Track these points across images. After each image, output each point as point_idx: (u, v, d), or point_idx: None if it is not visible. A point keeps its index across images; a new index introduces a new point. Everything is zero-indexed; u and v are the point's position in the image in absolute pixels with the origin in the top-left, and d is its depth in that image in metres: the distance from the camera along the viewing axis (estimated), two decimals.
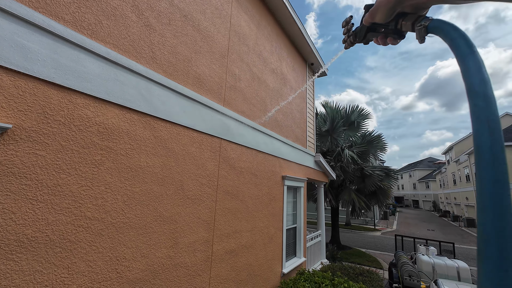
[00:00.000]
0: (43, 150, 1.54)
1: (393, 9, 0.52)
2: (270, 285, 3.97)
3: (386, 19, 0.54)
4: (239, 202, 3.40)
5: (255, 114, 4.04)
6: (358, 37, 0.66)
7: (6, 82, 1.40)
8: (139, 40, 2.21)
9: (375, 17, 0.56)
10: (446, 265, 5.60)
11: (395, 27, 0.54)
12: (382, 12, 0.53)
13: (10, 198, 1.39)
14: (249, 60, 4.02)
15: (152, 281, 2.13)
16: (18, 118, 1.44)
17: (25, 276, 1.43)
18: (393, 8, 0.51)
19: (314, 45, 6.37)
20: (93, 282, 1.74)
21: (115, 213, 1.90)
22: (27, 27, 1.49)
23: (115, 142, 1.95)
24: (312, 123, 6.95)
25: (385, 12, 0.53)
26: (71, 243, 1.64)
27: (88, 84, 1.78)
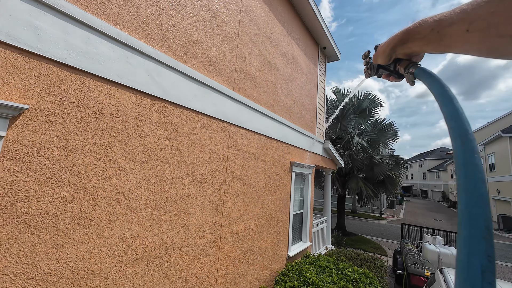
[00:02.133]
0: (59, 131, 1.58)
1: (389, 56, 0.59)
2: (276, 267, 4.11)
3: (386, 62, 0.62)
4: (247, 187, 3.45)
5: (265, 99, 3.98)
6: (372, 71, 0.73)
7: (21, 63, 1.42)
8: (148, 21, 2.17)
9: (377, 60, 0.65)
10: (452, 254, 5.61)
11: (394, 69, 0.62)
12: (381, 57, 0.62)
13: (30, 177, 1.45)
14: (260, 43, 3.90)
15: (164, 258, 2.24)
16: (34, 99, 1.47)
17: (48, 249, 1.52)
18: (389, 55, 0.59)
19: (327, 28, 6.09)
20: (110, 257, 1.84)
21: (128, 194, 1.97)
22: (38, 7, 1.48)
23: (127, 124, 1.97)
24: (322, 109, 6.80)
25: (383, 57, 0.61)
26: (88, 221, 1.72)
27: (100, 66, 1.78)
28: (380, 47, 0.62)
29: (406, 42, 0.52)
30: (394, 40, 0.55)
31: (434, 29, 0.44)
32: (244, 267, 3.33)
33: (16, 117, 1.40)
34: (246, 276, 3.35)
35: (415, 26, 0.49)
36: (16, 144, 1.40)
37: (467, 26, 0.37)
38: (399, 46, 0.54)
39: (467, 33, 0.38)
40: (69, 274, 1.61)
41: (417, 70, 0.51)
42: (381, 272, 5.33)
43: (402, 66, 0.57)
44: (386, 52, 0.58)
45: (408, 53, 0.55)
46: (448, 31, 0.41)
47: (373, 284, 3.71)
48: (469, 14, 0.37)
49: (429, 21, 0.46)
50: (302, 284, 3.42)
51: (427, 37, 0.46)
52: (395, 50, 0.56)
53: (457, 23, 0.39)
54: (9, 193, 1.37)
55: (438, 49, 0.45)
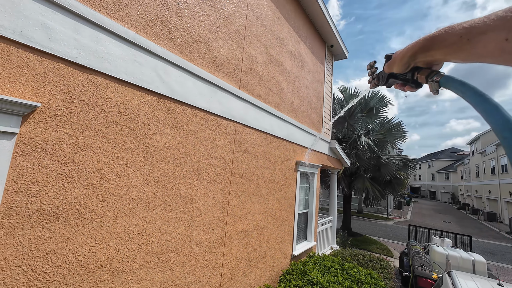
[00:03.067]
0: (69, 128, 1.62)
1: (407, 64, 0.56)
2: (280, 266, 4.11)
3: (403, 71, 0.59)
4: (252, 185, 3.46)
5: (271, 98, 3.97)
6: (381, 81, 0.71)
7: (34, 61, 1.46)
8: (156, 20, 2.19)
9: (393, 68, 0.62)
10: (461, 257, 5.49)
11: (412, 78, 0.59)
12: (398, 65, 0.59)
13: (42, 173, 1.50)
14: (266, 42, 3.88)
15: (170, 254, 2.27)
16: (45, 97, 1.51)
17: (58, 242, 1.56)
18: (408, 63, 0.56)
19: (335, 26, 6.02)
20: (117, 252, 1.88)
21: (135, 191, 2.01)
22: (50, 7, 1.51)
23: (135, 122, 2.00)
24: (329, 108, 6.74)
25: (401, 66, 0.58)
26: (97, 216, 1.76)
27: (108, 64, 1.81)
28: (397, 54, 0.59)
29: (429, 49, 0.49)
30: (415, 47, 0.52)
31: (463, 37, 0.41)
32: (248, 265, 3.34)
33: (29, 115, 1.44)
34: (250, 274, 3.37)
35: (440, 33, 0.46)
36: (29, 141, 1.45)
37: (506, 34, 0.35)
38: (420, 53, 0.52)
39: (506, 42, 0.35)
40: (78, 268, 1.65)
41: (444, 79, 0.49)
42: (387, 274, 5.27)
43: (423, 75, 0.54)
44: (405, 59, 0.56)
45: (429, 62, 0.53)
46: (482, 39, 0.38)
47: (378, 285, 3.67)
48: (509, 21, 0.34)
49: (456, 28, 0.43)
50: (307, 283, 3.42)
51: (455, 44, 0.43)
52: (416, 57, 0.53)
53: (493, 31, 0.37)
54: (22, 188, 1.41)
55: (468, 58, 0.42)
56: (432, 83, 0.51)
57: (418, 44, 0.51)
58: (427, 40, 0.49)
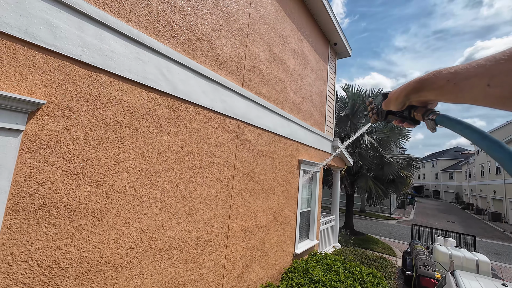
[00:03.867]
0: (74, 126, 1.63)
1: (402, 102, 0.59)
2: (282, 264, 4.12)
3: (399, 109, 0.62)
4: (255, 184, 3.46)
5: (273, 96, 3.96)
6: (380, 117, 0.74)
7: (39, 59, 1.47)
8: (159, 17, 2.19)
9: (389, 107, 0.64)
10: (465, 257, 5.45)
11: (408, 115, 0.61)
12: (394, 104, 0.61)
13: (48, 169, 1.51)
14: (269, 40, 3.87)
15: (173, 251, 2.29)
16: (51, 94, 1.52)
17: (64, 238, 1.59)
18: (403, 102, 0.58)
19: (338, 24, 5.97)
20: (121, 249, 1.90)
21: (139, 188, 2.02)
22: (54, 5, 1.52)
23: (138, 120, 2.01)
24: (332, 107, 6.71)
25: (396, 104, 0.61)
26: (101, 213, 1.78)
27: (112, 62, 1.82)
28: (392, 93, 0.62)
29: (420, 90, 0.52)
30: (407, 88, 0.55)
31: (450, 81, 0.44)
32: (251, 262, 3.36)
33: (34, 112, 1.46)
34: (252, 271, 3.38)
35: (429, 76, 0.49)
36: (34, 138, 1.46)
37: (487, 80, 0.37)
38: (413, 94, 0.55)
39: (488, 88, 0.37)
40: (83, 263, 1.68)
41: (439, 118, 0.51)
42: (389, 273, 5.25)
43: (419, 113, 0.57)
44: (399, 99, 0.58)
45: (423, 101, 0.55)
46: (467, 84, 0.41)
47: (381, 284, 3.66)
48: (488, 70, 0.37)
49: (443, 73, 0.46)
50: (309, 281, 3.43)
51: (443, 87, 0.46)
52: (409, 97, 0.56)
53: (475, 77, 0.39)
54: (28, 185, 1.43)
55: (457, 100, 0.45)
56: (428, 121, 0.53)
57: (410, 86, 0.54)
58: (417, 83, 0.52)
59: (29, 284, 1.44)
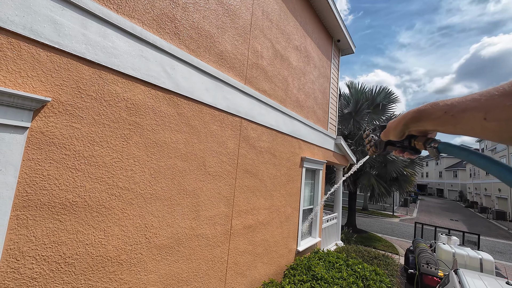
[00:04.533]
0: (78, 123, 1.64)
1: (401, 132, 0.58)
2: (285, 261, 4.14)
3: (398, 139, 0.61)
4: (257, 181, 3.47)
5: (276, 93, 3.94)
6: (379, 148, 0.73)
7: (43, 57, 1.48)
8: (162, 14, 2.19)
9: (388, 137, 0.64)
10: (468, 255, 5.42)
11: (409, 145, 0.61)
12: (393, 134, 0.61)
13: (53, 166, 1.53)
14: (272, 36, 3.84)
15: (176, 248, 2.31)
16: (55, 92, 1.53)
17: (69, 234, 1.61)
18: (402, 132, 0.58)
19: (342, 20, 5.90)
20: (126, 245, 1.92)
21: (143, 185, 2.04)
22: (58, 2, 1.53)
23: (142, 117, 2.02)
24: (335, 104, 6.66)
25: (395, 134, 0.60)
26: (106, 209, 1.80)
27: (116, 60, 1.82)
28: (390, 123, 0.62)
29: (419, 121, 0.53)
30: (406, 118, 0.56)
31: (447, 112, 0.44)
32: (253, 259, 3.38)
33: (39, 109, 1.47)
34: (255, 268, 3.41)
35: (427, 107, 0.50)
36: (40, 135, 1.48)
37: (483, 114, 0.38)
38: (411, 124, 0.55)
39: (485, 121, 0.38)
40: (88, 259, 1.70)
41: (442, 145, 0.52)
42: (392, 270, 5.25)
43: (420, 142, 0.57)
44: (398, 128, 0.59)
45: (422, 131, 0.56)
46: (464, 116, 0.41)
47: (383, 282, 3.67)
48: (482, 104, 0.38)
49: (440, 104, 0.47)
50: (311, 278, 3.44)
51: (441, 118, 0.46)
52: (408, 127, 0.56)
53: (472, 111, 0.40)
54: (34, 181, 1.45)
55: (455, 131, 0.45)
56: (430, 149, 0.54)
57: (409, 116, 0.55)
58: (415, 113, 0.53)
59: (36, 279, 1.47)
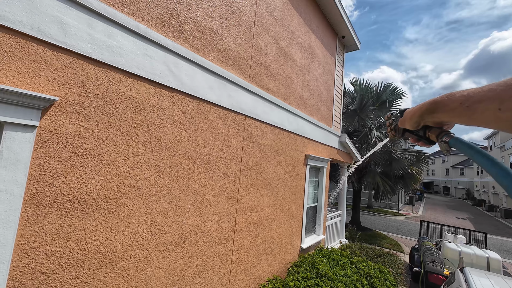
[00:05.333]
0: (85, 121, 1.67)
1: (417, 122, 0.59)
2: (289, 258, 4.16)
3: (414, 128, 0.62)
4: (261, 179, 3.48)
5: (280, 91, 3.93)
6: (398, 134, 0.74)
7: (51, 57, 1.50)
8: (166, 13, 2.19)
9: (405, 125, 0.65)
10: (475, 254, 5.36)
11: (424, 135, 0.62)
12: (409, 123, 0.62)
13: (61, 164, 1.56)
14: (276, 33, 3.82)
15: (181, 244, 2.35)
16: (62, 91, 1.56)
17: (78, 230, 1.65)
18: (417, 122, 0.59)
19: (347, 16, 5.83)
20: (132, 241, 1.96)
21: (148, 182, 2.07)
22: (64, 2, 1.55)
23: (147, 116, 2.04)
24: (339, 101, 6.61)
25: (411, 124, 0.61)
26: (112, 206, 1.83)
27: (121, 59, 1.84)
28: (407, 113, 0.63)
29: (434, 112, 0.53)
30: (422, 109, 0.56)
31: (463, 103, 0.45)
32: (257, 256, 3.40)
33: (47, 108, 1.50)
34: (259, 265, 3.43)
35: (443, 98, 0.50)
36: (48, 134, 1.51)
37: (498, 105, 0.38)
38: (427, 115, 0.55)
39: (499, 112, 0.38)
40: (96, 255, 1.74)
41: (453, 140, 0.52)
42: (396, 268, 5.23)
43: (434, 134, 0.57)
44: (414, 119, 0.59)
45: (437, 122, 0.56)
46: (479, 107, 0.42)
47: (387, 280, 3.66)
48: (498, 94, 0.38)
49: (456, 95, 0.47)
50: (315, 275, 3.45)
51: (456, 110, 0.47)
52: (423, 118, 0.57)
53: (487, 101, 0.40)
54: (43, 179, 1.49)
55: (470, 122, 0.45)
56: (441, 143, 0.54)
57: (424, 107, 0.55)
58: (431, 104, 0.53)
59: (46, 273, 1.51)
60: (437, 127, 0.57)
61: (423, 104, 0.56)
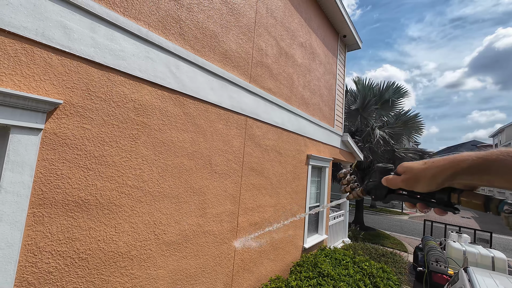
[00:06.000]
0: (89, 124, 1.71)
1: (441, 184, 0.46)
2: (291, 258, 4.17)
3: (431, 190, 0.48)
4: (263, 179, 3.49)
5: (281, 91, 3.94)
6: (376, 196, 0.58)
7: (55, 61, 1.54)
8: (167, 16, 2.22)
9: (415, 187, 0.50)
10: (479, 253, 5.31)
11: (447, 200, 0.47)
12: (427, 184, 0.48)
13: (66, 166, 1.60)
14: (277, 34, 3.83)
15: (184, 244, 2.37)
16: (67, 94, 1.59)
17: (82, 231, 1.68)
18: (442, 184, 0.46)
19: (348, 15, 5.81)
20: (136, 241, 1.99)
21: (151, 183, 2.10)
22: (68, 7, 1.58)
23: (149, 117, 2.07)
24: (341, 101, 6.59)
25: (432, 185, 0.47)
26: (116, 207, 1.86)
27: (123, 62, 1.87)
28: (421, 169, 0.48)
29: (483, 173, 0.39)
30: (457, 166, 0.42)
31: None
32: (259, 256, 3.42)
33: (52, 111, 1.54)
34: (261, 264, 3.45)
35: (500, 157, 0.37)
36: (53, 136, 1.54)
37: None
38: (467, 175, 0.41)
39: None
40: (101, 254, 1.77)
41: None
42: (400, 268, 5.21)
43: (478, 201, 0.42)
44: (439, 179, 0.45)
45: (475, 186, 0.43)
46: None
47: (390, 279, 3.65)
48: None
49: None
50: (317, 275, 3.46)
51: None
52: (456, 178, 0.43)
53: None
54: (48, 180, 1.52)
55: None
56: (509, 217, 0.39)
57: (465, 164, 0.41)
58: (479, 161, 0.40)
59: (52, 273, 1.54)
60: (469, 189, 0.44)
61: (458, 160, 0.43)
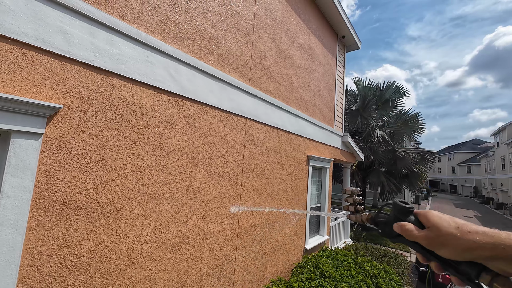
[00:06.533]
0: (89, 128, 1.72)
1: (474, 260, 0.41)
2: (293, 259, 4.16)
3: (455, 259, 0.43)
4: (264, 180, 3.50)
5: (281, 92, 3.95)
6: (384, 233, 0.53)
7: (55, 66, 1.55)
8: (166, 20, 2.24)
9: (437, 249, 0.44)
10: None
11: (476, 277, 0.42)
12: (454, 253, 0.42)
13: (67, 170, 1.61)
14: (276, 36, 3.85)
15: (185, 246, 2.38)
16: (67, 99, 1.61)
17: (83, 234, 1.69)
18: (474, 259, 0.41)
19: (346, 16, 5.83)
20: (137, 244, 1.99)
21: (152, 186, 2.10)
22: (67, 13, 1.60)
23: (149, 121, 2.08)
24: (341, 101, 6.60)
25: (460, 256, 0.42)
26: (117, 210, 1.87)
27: (123, 66, 1.89)
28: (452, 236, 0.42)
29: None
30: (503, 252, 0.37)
31: None
32: (261, 257, 3.42)
33: (53, 116, 1.55)
34: (263, 266, 3.44)
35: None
36: (53, 140, 1.56)
37: None
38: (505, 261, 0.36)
39: None
40: (102, 257, 1.78)
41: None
42: (402, 269, 5.18)
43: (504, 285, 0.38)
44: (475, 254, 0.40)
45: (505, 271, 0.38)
46: None
47: (393, 280, 3.63)
48: None
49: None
50: (319, 276, 3.45)
51: None
52: (494, 261, 0.38)
53: None
54: (49, 184, 1.53)
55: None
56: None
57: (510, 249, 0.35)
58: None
59: (54, 276, 1.55)
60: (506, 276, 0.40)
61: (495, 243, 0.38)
